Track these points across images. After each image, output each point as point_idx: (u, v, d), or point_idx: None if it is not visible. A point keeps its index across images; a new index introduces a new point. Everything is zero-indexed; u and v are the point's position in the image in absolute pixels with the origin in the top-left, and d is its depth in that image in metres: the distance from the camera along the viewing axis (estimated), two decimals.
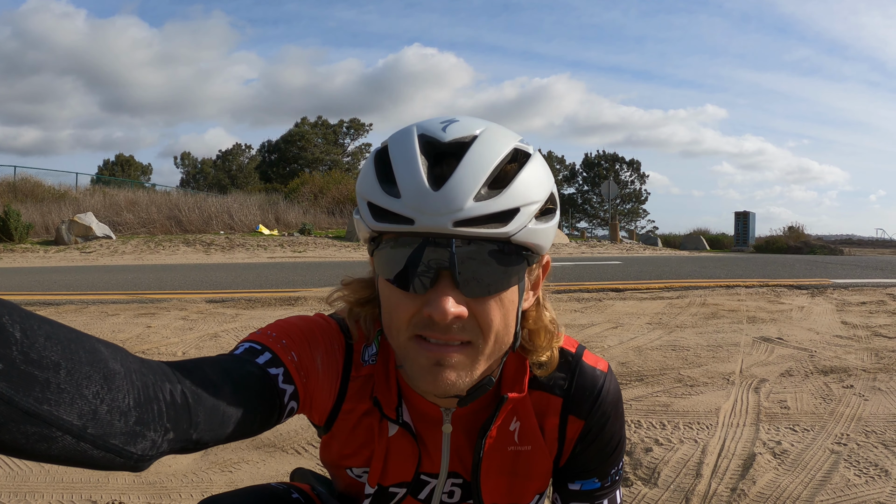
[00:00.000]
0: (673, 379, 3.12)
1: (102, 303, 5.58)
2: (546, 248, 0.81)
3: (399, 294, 0.77)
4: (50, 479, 2.03)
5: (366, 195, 0.77)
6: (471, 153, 0.74)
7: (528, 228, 0.75)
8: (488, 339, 0.78)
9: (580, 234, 30.65)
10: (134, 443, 0.57)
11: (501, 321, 0.78)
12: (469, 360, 0.78)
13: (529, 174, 0.77)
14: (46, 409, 0.49)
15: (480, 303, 0.76)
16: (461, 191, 0.71)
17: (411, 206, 0.72)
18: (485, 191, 0.73)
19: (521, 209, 0.74)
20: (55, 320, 0.53)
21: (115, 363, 0.56)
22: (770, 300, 5.60)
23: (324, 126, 44.05)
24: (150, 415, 0.58)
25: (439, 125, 0.78)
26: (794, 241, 25.67)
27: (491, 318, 0.77)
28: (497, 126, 0.81)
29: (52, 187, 21.98)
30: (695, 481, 2.01)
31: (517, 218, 0.74)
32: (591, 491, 0.93)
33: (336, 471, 0.97)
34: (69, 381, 0.50)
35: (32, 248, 14.83)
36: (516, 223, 0.74)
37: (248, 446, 2.34)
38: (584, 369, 0.90)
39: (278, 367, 0.79)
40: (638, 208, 48.08)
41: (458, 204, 0.71)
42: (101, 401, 0.53)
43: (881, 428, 2.42)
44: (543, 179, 0.79)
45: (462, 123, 0.78)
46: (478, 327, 0.77)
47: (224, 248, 15.55)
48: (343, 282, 0.90)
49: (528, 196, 0.75)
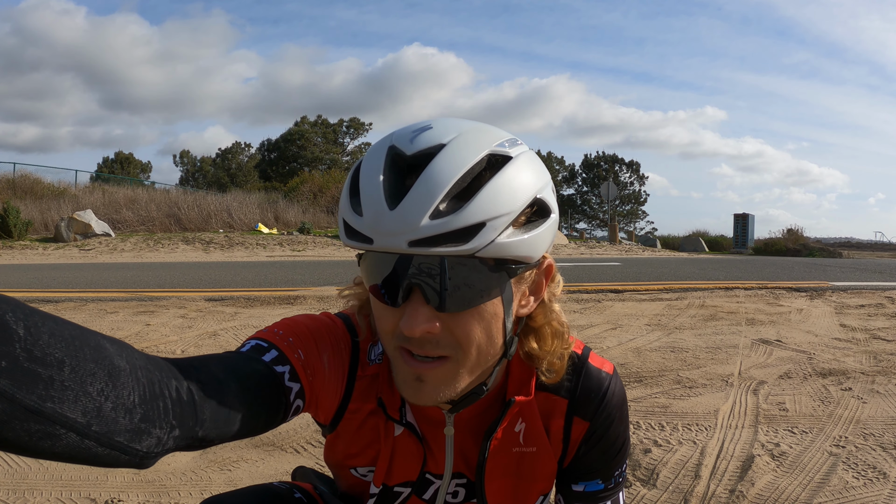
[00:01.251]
0: (672, 380, 3.12)
1: (101, 300, 5.58)
2: (535, 256, 0.75)
3: (380, 305, 0.76)
4: (49, 477, 2.03)
5: (340, 211, 0.76)
6: (431, 166, 0.69)
7: (497, 243, 0.69)
8: (468, 353, 0.76)
9: (579, 235, 30.66)
10: (139, 440, 0.56)
11: (482, 334, 0.75)
12: (449, 375, 0.77)
13: (501, 183, 0.70)
14: (50, 407, 0.49)
15: (455, 317, 0.73)
16: (416, 209, 0.68)
17: (368, 226, 0.70)
18: (444, 206, 0.68)
19: (486, 224, 0.68)
20: (59, 317, 0.53)
21: (120, 360, 0.56)
22: (769, 302, 5.61)
23: (323, 125, 44.04)
24: (155, 412, 0.58)
25: (410, 135, 0.73)
26: (793, 244, 25.65)
27: (468, 332, 0.74)
28: (476, 130, 0.74)
29: (51, 184, 21.94)
30: (693, 482, 2.01)
31: (482, 234, 0.68)
32: (594, 492, 0.93)
33: (340, 470, 0.97)
34: (73, 379, 0.50)
35: (31, 246, 14.81)
36: (480, 239, 0.68)
37: (247, 445, 2.34)
38: (590, 371, 0.90)
39: (284, 364, 0.79)
40: (637, 210, 48.09)
41: (412, 223, 0.67)
42: (106, 398, 0.53)
43: (879, 430, 2.42)
44: (523, 185, 0.72)
45: (433, 132, 0.73)
46: (455, 342, 0.75)
47: (223, 246, 15.54)
48: (356, 280, 0.90)
49: (496, 208, 0.69)
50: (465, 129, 0.74)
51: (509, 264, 0.73)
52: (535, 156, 0.78)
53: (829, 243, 32.64)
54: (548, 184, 0.77)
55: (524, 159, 0.74)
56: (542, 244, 0.75)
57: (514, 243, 0.71)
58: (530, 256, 0.74)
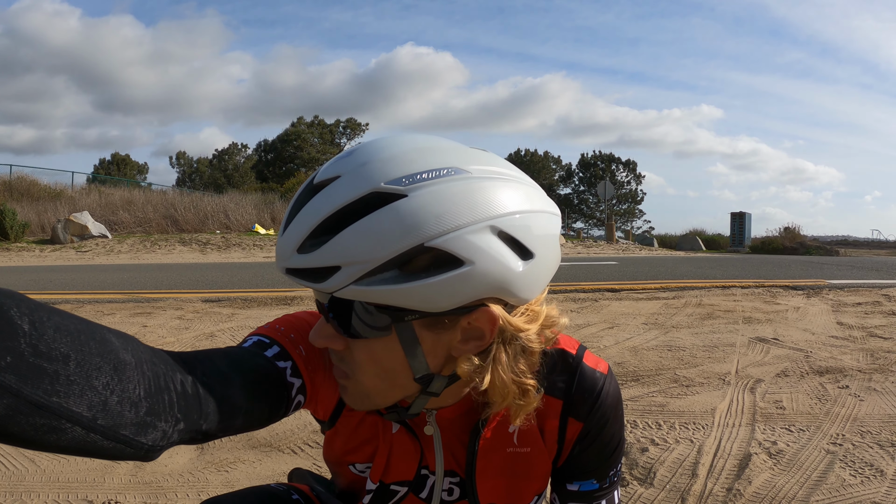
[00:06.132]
0: (669, 379, 3.12)
1: (98, 302, 5.57)
2: (430, 307, 0.67)
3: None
4: (46, 479, 2.03)
5: None
6: (314, 199, 0.68)
7: (356, 289, 0.66)
8: (360, 380, 0.76)
9: (576, 235, 30.69)
10: (144, 433, 0.57)
11: (375, 367, 0.74)
12: (358, 392, 0.78)
13: (365, 227, 0.65)
14: (56, 402, 0.49)
15: (354, 343, 0.73)
16: (290, 240, 0.69)
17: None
18: (310, 242, 0.68)
19: (342, 268, 0.66)
20: (65, 311, 0.53)
21: (125, 353, 0.56)
22: (766, 301, 5.62)
23: (320, 126, 44.05)
24: (161, 405, 0.58)
25: (334, 159, 0.72)
26: (790, 242, 25.66)
27: (359, 361, 0.74)
28: (384, 160, 0.67)
29: (47, 186, 21.91)
30: (691, 481, 2.02)
31: (336, 276, 0.66)
32: (589, 492, 0.93)
33: (338, 468, 0.97)
34: (79, 373, 0.50)
35: (28, 247, 14.77)
36: (334, 281, 0.66)
37: (244, 445, 2.34)
38: (585, 371, 0.90)
39: (286, 360, 0.80)
40: (634, 209, 48.16)
41: (286, 253, 0.70)
42: (112, 392, 0.53)
43: (877, 428, 2.43)
44: (401, 229, 0.64)
45: (347, 159, 0.69)
46: (352, 366, 0.75)
47: (220, 247, 15.52)
48: None
49: (352, 254, 0.65)
50: (375, 157, 0.68)
51: (394, 309, 0.68)
52: (459, 191, 0.67)
53: (826, 241, 32.73)
54: (465, 227, 0.66)
55: (422, 199, 0.65)
56: (440, 296, 0.67)
57: (383, 291, 0.66)
58: (420, 306, 0.67)
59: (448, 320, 0.71)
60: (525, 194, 0.72)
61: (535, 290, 0.74)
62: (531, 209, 0.72)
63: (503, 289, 0.70)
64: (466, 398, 0.86)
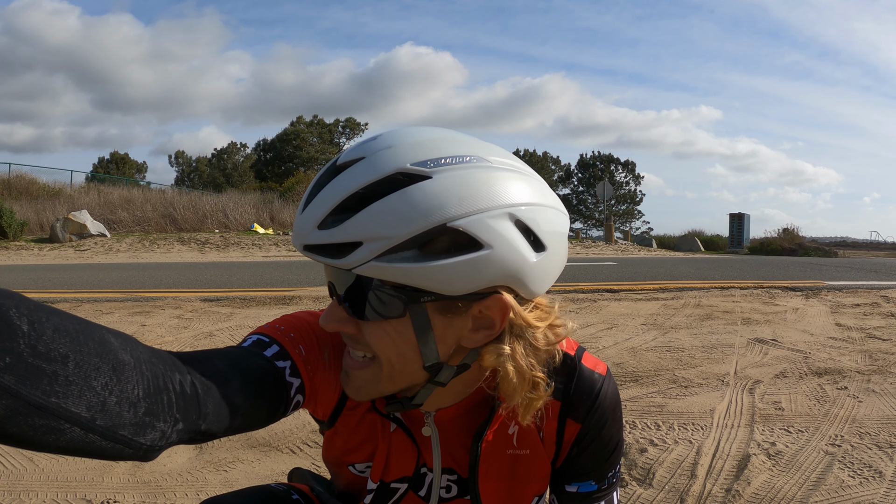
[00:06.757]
0: (668, 380, 3.13)
1: (97, 301, 5.56)
2: (446, 289, 0.69)
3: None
4: (44, 478, 2.02)
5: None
6: (338, 178, 0.70)
7: (375, 265, 0.67)
8: (382, 363, 0.76)
9: (575, 235, 30.70)
10: (143, 433, 0.57)
11: (392, 350, 0.74)
12: (371, 379, 0.78)
13: (389, 203, 0.66)
14: (54, 402, 0.49)
15: (367, 325, 0.74)
16: (311, 217, 0.70)
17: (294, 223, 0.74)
18: (332, 219, 0.68)
19: (363, 243, 0.67)
20: (64, 311, 0.53)
21: (124, 354, 0.56)
22: (764, 302, 5.62)
23: (319, 125, 43.99)
24: (159, 406, 0.58)
25: (359, 143, 0.74)
26: (789, 243, 25.67)
27: (375, 343, 0.74)
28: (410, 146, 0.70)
29: (46, 185, 21.88)
30: (690, 482, 2.02)
31: (356, 252, 0.67)
32: (587, 493, 0.93)
33: (338, 468, 0.97)
34: (77, 373, 0.50)
35: (27, 246, 14.76)
36: (356, 257, 0.67)
37: (243, 445, 2.34)
38: (583, 373, 0.90)
39: (286, 360, 0.80)
40: (633, 209, 48.18)
41: (306, 230, 0.70)
42: (110, 392, 0.53)
43: (875, 429, 2.43)
44: (425, 208, 0.66)
45: (372, 143, 0.72)
46: (370, 348, 0.76)
47: (219, 246, 15.51)
48: None
49: (375, 229, 0.66)
50: (401, 142, 0.70)
51: (410, 290, 0.69)
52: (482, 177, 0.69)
53: (825, 243, 32.76)
54: (486, 212, 0.68)
55: (446, 182, 0.67)
56: (457, 277, 0.68)
57: (403, 269, 0.67)
58: (437, 287, 0.68)
59: (461, 304, 0.72)
60: (540, 190, 0.75)
61: (545, 284, 0.76)
62: (545, 204, 0.74)
63: (516, 278, 0.72)
64: (466, 400, 0.86)
